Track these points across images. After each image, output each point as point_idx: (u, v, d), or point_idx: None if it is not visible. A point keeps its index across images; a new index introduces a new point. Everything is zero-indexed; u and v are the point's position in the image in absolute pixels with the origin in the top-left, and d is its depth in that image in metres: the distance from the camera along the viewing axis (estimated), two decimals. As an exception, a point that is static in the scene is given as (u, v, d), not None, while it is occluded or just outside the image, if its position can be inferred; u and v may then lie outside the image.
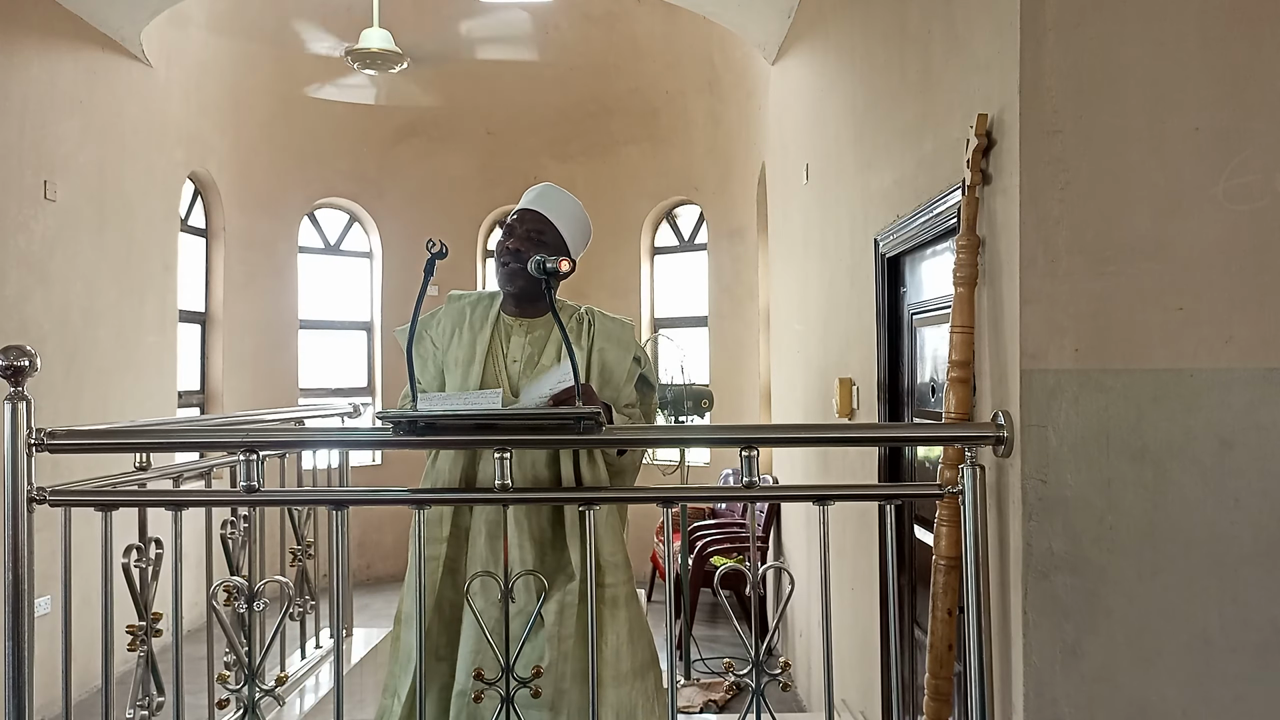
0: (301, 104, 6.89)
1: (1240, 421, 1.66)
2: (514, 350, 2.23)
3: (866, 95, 3.02)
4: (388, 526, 6.72)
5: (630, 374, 2.26)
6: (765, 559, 5.25)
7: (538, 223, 2.23)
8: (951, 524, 1.87)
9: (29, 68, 4.37)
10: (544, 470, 2.14)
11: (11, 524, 1.73)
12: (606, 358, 2.24)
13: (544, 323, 2.25)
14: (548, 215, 2.24)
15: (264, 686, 1.94)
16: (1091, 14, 1.68)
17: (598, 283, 6.83)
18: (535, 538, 2.13)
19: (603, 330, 2.26)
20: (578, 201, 2.33)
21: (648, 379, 2.32)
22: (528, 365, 2.20)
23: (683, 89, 7.00)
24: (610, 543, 2.17)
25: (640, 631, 2.21)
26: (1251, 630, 1.67)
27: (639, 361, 2.28)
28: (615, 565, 2.17)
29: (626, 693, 2.14)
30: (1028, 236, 1.69)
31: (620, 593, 2.17)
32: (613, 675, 2.12)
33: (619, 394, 2.24)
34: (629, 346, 2.27)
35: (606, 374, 2.23)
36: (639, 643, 2.19)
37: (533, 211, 2.25)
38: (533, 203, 2.27)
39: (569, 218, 2.28)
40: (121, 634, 2.06)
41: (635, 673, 2.16)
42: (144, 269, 5.44)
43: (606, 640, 2.13)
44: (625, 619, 2.16)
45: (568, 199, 2.31)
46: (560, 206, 2.28)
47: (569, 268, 1.94)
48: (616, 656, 2.14)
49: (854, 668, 3.23)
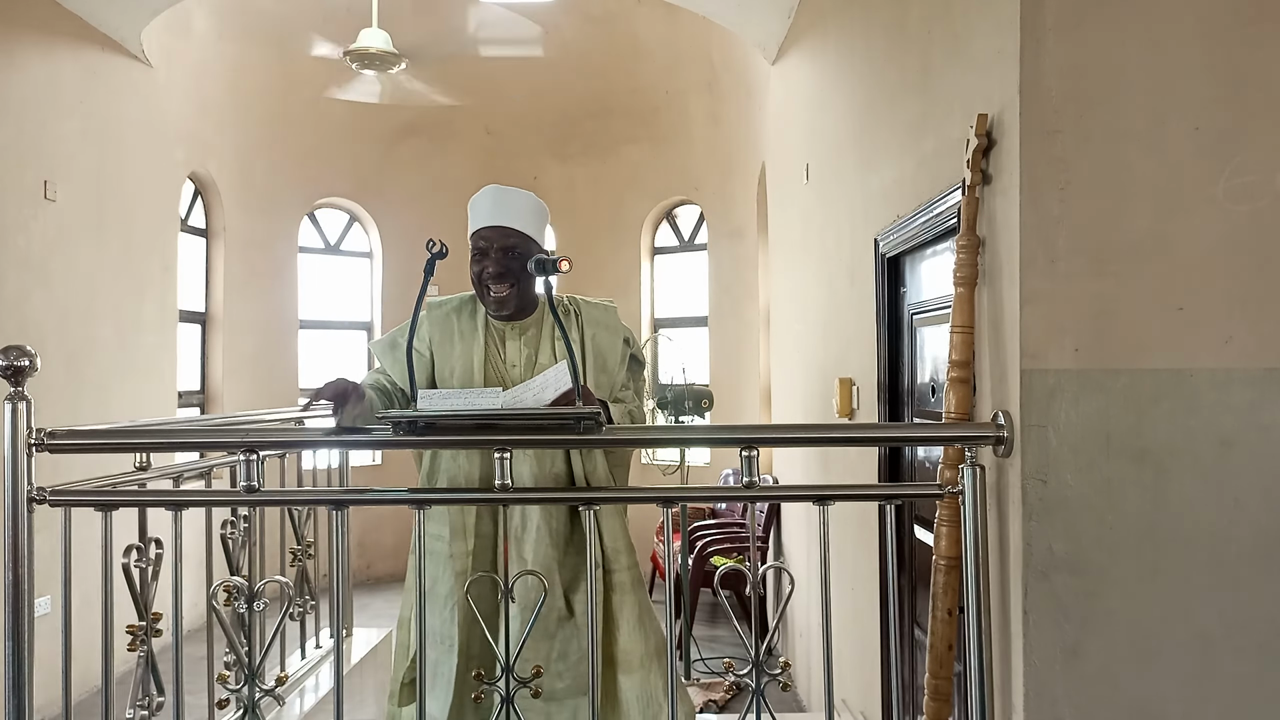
0: (301, 104, 6.89)
1: (1240, 421, 1.66)
2: (511, 355, 2.23)
3: (866, 95, 3.02)
4: (388, 526, 6.71)
5: (623, 356, 2.30)
6: (765, 559, 5.25)
7: (504, 237, 2.16)
8: (951, 524, 1.87)
9: (29, 68, 4.37)
10: (562, 466, 2.20)
11: (11, 524, 1.73)
12: (600, 344, 2.26)
13: (533, 321, 2.26)
14: (509, 225, 2.17)
15: (264, 686, 1.94)
16: (1091, 14, 1.68)
17: (597, 282, 6.83)
18: (552, 532, 2.19)
19: (590, 317, 2.28)
20: (525, 192, 2.24)
21: (637, 357, 2.36)
22: (527, 367, 2.21)
23: (683, 89, 6.99)
24: (616, 529, 2.23)
25: (649, 616, 2.27)
26: (1251, 630, 1.67)
27: (628, 342, 2.32)
28: (620, 551, 2.24)
29: (641, 679, 2.20)
30: (1028, 236, 1.69)
31: (627, 578, 2.24)
32: (626, 661, 2.20)
33: (614, 378, 2.27)
34: (617, 329, 2.30)
35: (601, 359, 2.26)
36: (649, 626, 2.26)
37: (496, 228, 2.17)
38: (492, 218, 2.18)
39: (527, 213, 2.20)
40: (121, 634, 2.06)
41: (651, 656, 2.23)
42: (144, 269, 5.44)
43: (620, 626, 2.20)
44: (634, 604, 2.23)
45: (517, 195, 2.22)
46: (515, 209, 2.19)
47: (569, 268, 1.95)
48: (630, 642, 2.20)
49: (854, 668, 3.23)
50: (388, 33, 5.67)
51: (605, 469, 2.22)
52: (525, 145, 7.37)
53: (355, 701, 3.51)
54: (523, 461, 2.18)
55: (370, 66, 5.76)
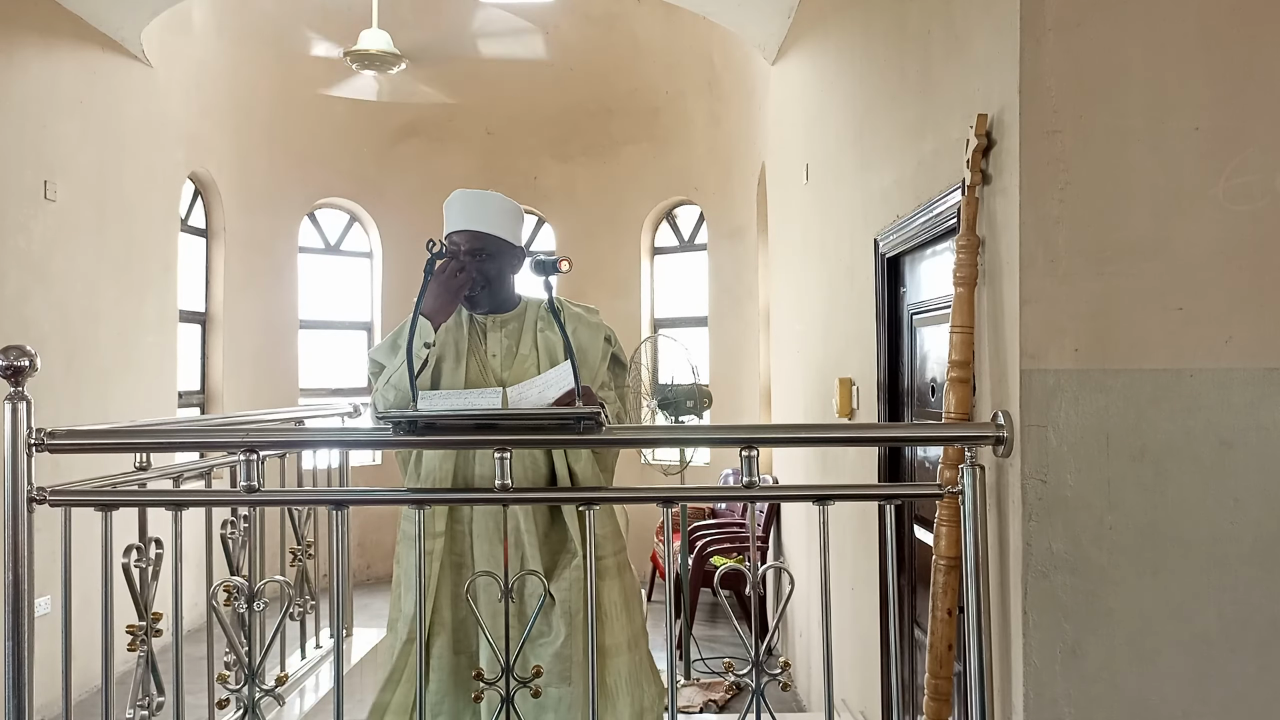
0: (301, 104, 6.89)
1: (1240, 421, 1.66)
2: (492, 345, 2.32)
3: (866, 95, 3.02)
4: (388, 526, 6.70)
5: (604, 353, 2.35)
6: (765, 559, 5.25)
7: (475, 241, 2.25)
8: (951, 524, 1.87)
9: (29, 68, 4.37)
10: (541, 460, 2.24)
11: (11, 524, 1.73)
12: (580, 339, 2.31)
13: (514, 315, 2.35)
14: (480, 229, 2.25)
15: (264, 686, 1.93)
16: (1091, 14, 1.68)
17: (598, 282, 6.83)
18: (539, 523, 2.24)
19: (571, 314, 2.35)
20: (495, 194, 2.32)
21: (619, 359, 2.41)
22: (507, 357, 2.30)
23: (683, 89, 6.99)
24: (601, 515, 2.25)
25: (635, 600, 2.34)
26: (1251, 630, 1.67)
27: (609, 341, 2.37)
28: (605, 537, 2.27)
29: (626, 661, 2.26)
30: (1028, 236, 1.69)
31: (612, 564, 2.29)
32: (613, 645, 2.24)
33: (595, 374, 2.32)
34: (598, 327, 2.36)
35: (581, 354, 2.30)
36: (633, 611, 2.32)
37: (466, 232, 2.26)
38: (461, 222, 2.27)
39: (498, 216, 2.28)
40: (121, 634, 2.06)
41: (637, 636, 2.31)
42: (144, 269, 5.44)
43: (606, 611, 2.24)
44: (620, 589, 2.29)
45: (485, 199, 2.30)
46: (483, 212, 2.27)
47: (569, 268, 2.03)
48: (614, 625, 2.26)
49: (854, 668, 3.23)
50: (388, 33, 5.67)
51: (593, 468, 2.26)
52: (525, 145, 7.37)
53: (355, 701, 3.51)
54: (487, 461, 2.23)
55: (370, 67, 5.76)
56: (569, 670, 2.17)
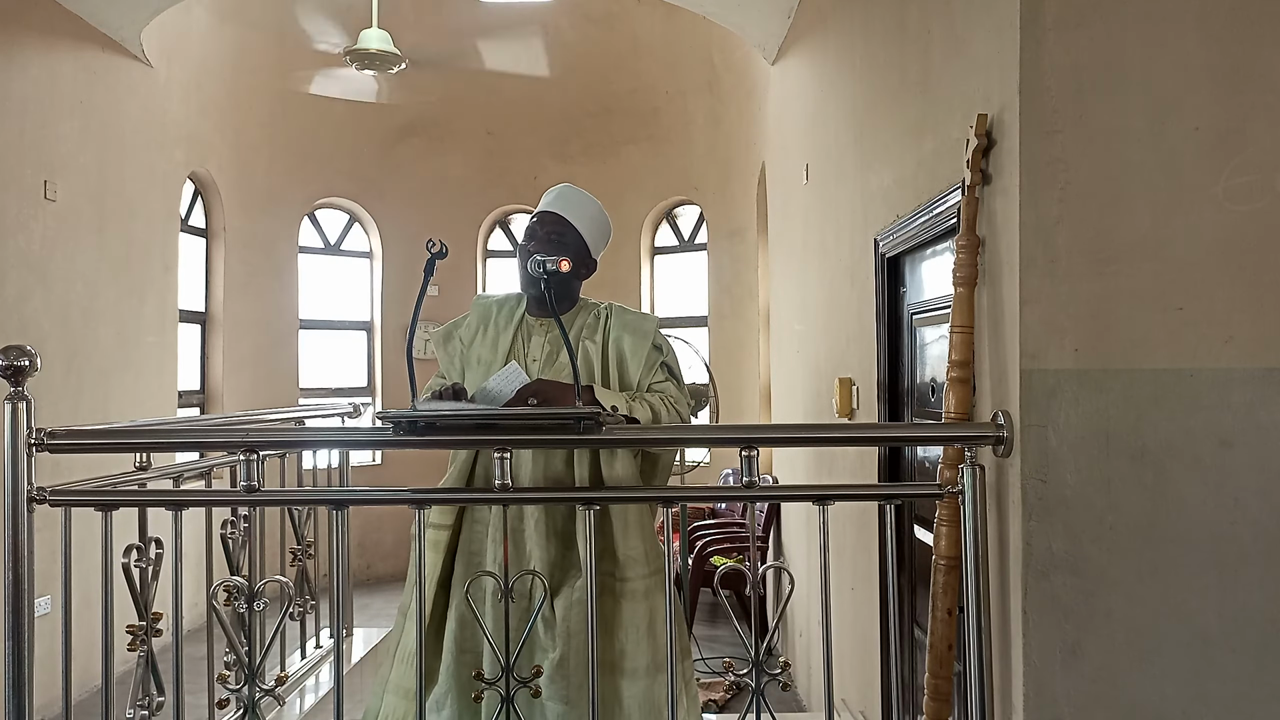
0: (301, 104, 6.89)
1: (1240, 421, 1.66)
2: (534, 349, 2.30)
3: (866, 95, 3.02)
4: (388, 526, 6.71)
5: (650, 361, 2.29)
6: (765, 559, 5.25)
7: (557, 225, 2.29)
8: (951, 524, 1.87)
9: (29, 68, 4.37)
10: (561, 467, 2.20)
11: (11, 524, 1.73)
12: (623, 345, 2.29)
13: (566, 320, 2.31)
14: (566, 217, 2.31)
15: (264, 686, 1.94)
16: (1091, 14, 1.68)
17: (598, 283, 6.76)
18: (557, 532, 2.19)
19: (620, 321, 2.32)
20: (597, 202, 2.39)
21: (672, 369, 2.34)
22: (547, 363, 2.26)
23: (683, 89, 7.00)
24: (633, 537, 2.19)
25: (664, 625, 2.15)
26: (1251, 630, 1.67)
27: (659, 349, 2.32)
28: (634, 560, 2.18)
29: (646, 686, 2.15)
30: (1027, 236, 1.69)
31: (640, 586, 2.19)
32: (631, 668, 2.15)
33: (637, 381, 2.27)
34: (647, 334, 2.31)
35: (622, 361, 2.28)
36: (663, 636, 2.13)
37: (552, 214, 2.31)
38: (552, 204, 2.33)
39: (588, 218, 2.34)
40: (121, 634, 2.06)
41: (658, 666, 2.15)
42: (144, 269, 5.44)
43: (616, 635, 2.16)
44: (645, 612, 2.18)
45: (586, 200, 2.36)
46: (579, 207, 2.33)
47: (568, 267, 2.01)
48: (636, 649, 2.16)
49: (854, 668, 3.23)
50: (388, 33, 5.67)
51: (629, 470, 2.19)
52: (525, 145, 7.37)
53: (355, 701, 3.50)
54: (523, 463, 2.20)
55: (370, 67, 5.76)
56: (567, 691, 2.11)
